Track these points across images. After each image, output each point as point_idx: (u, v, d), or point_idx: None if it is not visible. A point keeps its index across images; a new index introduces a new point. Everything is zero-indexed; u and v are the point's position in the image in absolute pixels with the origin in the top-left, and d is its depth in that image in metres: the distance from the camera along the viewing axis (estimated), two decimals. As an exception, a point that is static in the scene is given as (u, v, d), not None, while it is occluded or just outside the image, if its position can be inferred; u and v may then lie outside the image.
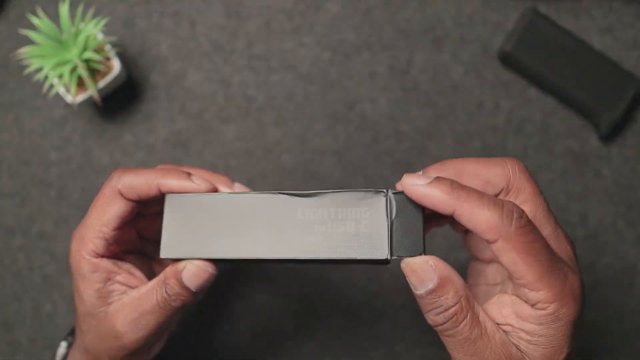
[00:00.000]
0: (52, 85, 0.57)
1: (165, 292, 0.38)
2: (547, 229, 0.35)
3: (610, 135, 0.57)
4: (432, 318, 0.34)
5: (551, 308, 0.32)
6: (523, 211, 0.32)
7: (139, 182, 0.38)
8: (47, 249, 0.57)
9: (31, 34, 0.50)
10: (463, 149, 0.57)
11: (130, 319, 0.39)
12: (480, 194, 0.32)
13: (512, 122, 0.57)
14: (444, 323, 0.34)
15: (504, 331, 0.34)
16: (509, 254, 0.32)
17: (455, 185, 0.33)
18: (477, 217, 0.32)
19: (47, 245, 0.57)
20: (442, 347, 0.36)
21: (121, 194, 0.38)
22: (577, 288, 0.33)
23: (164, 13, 0.58)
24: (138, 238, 0.43)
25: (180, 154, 0.57)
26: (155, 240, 0.43)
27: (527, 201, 0.35)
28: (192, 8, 0.58)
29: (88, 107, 0.57)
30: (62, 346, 0.47)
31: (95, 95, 0.51)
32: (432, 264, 0.33)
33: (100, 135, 0.57)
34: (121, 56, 0.57)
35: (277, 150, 0.57)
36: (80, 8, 0.51)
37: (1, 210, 0.57)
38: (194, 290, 0.37)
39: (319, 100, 0.57)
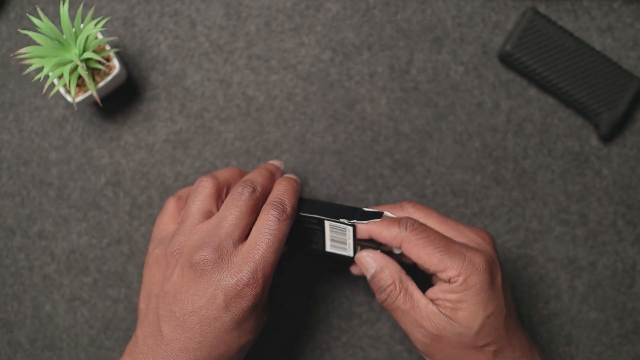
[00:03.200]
0: (52, 85, 0.56)
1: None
2: (460, 228, 0.46)
3: (610, 135, 0.57)
4: (377, 296, 0.47)
5: (459, 279, 0.43)
6: (416, 221, 0.45)
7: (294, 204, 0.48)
8: (47, 249, 0.57)
9: (31, 34, 0.50)
10: (463, 149, 0.57)
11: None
12: (387, 221, 0.46)
13: (512, 122, 0.57)
14: (386, 299, 0.46)
15: (437, 304, 0.44)
16: (413, 251, 0.44)
17: (372, 224, 0.46)
18: (385, 235, 0.45)
19: (47, 245, 0.57)
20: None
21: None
22: (478, 261, 0.43)
23: (164, 13, 0.58)
24: None
25: (180, 154, 0.57)
26: None
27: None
28: (192, 8, 0.58)
29: (88, 107, 0.57)
30: None
31: (95, 95, 0.51)
32: (372, 256, 0.47)
33: (100, 135, 0.57)
34: (121, 56, 0.57)
35: (277, 150, 0.57)
36: (80, 8, 0.51)
37: (1, 210, 0.57)
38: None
39: (319, 100, 0.57)
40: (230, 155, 0.57)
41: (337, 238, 0.48)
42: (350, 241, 0.48)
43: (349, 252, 0.48)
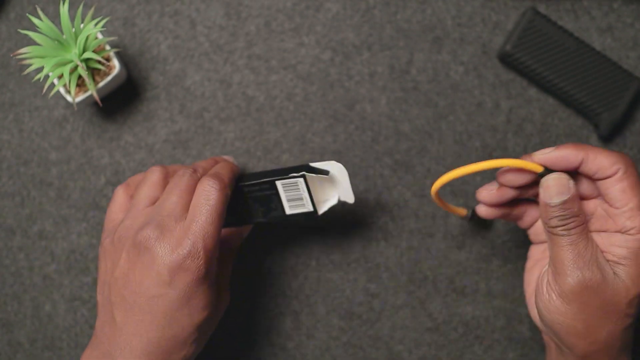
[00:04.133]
0: (52, 85, 0.56)
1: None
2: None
3: (610, 135, 0.57)
4: (555, 222, 0.43)
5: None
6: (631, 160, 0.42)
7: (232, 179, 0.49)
8: (47, 249, 0.57)
9: (31, 34, 0.50)
10: (463, 149, 0.57)
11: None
12: (598, 148, 0.43)
13: (512, 122, 0.57)
14: (562, 225, 0.42)
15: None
16: (621, 184, 0.42)
17: (577, 144, 0.43)
18: (602, 158, 0.42)
19: (47, 245, 0.57)
20: (441, 347, 0.36)
21: None
22: None
23: (164, 13, 0.58)
24: None
25: (180, 154, 0.57)
26: None
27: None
28: (192, 8, 0.58)
29: (88, 107, 0.57)
30: None
31: (95, 95, 0.51)
32: (571, 182, 0.43)
33: (100, 135, 0.57)
34: (121, 56, 0.57)
35: (277, 150, 0.57)
36: (80, 8, 0.51)
37: (1, 210, 0.57)
38: None
39: (319, 100, 0.57)
40: (230, 155, 0.57)
41: (293, 196, 0.48)
42: (306, 194, 0.47)
43: (309, 207, 0.48)
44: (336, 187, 0.49)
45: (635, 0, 0.57)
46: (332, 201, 0.49)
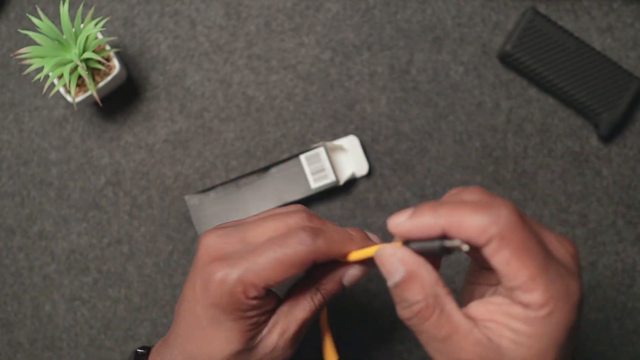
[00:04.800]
0: (52, 85, 0.56)
1: (322, 295, 0.40)
2: (544, 234, 0.33)
3: (610, 135, 0.57)
4: (399, 311, 0.34)
5: (544, 310, 0.31)
6: (514, 207, 0.32)
7: (335, 250, 0.38)
8: (47, 249, 0.57)
9: (31, 34, 0.50)
10: (463, 149, 0.57)
11: (289, 335, 0.39)
12: (464, 204, 0.32)
13: (512, 122, 0.57)
14: (411, 318, 0.33)
15: (487, 328, 0.32)
16: (502, 253, 0.31)
17: (435, 205, 0.32)
18: (467, 224, 0.31)
19: (47, 245, 0.57)
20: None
21: (312, 262, 0.37)
22: (576, 293, 0.31)
23: (164, 13, 0.58)
24: None
25: (180, 154, 0.57)
26: None
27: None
28: (192, 8, 0.58)
29: (88, 107, 0.57)
30: None
31: (95, 95, 0.51)
32: (400, 257, 0.33)
33: (100, 135, 0.57)
34: (121, 56, 0.57)
35: (277, 150, 0.57)
36: (80, 8, 0.51)
37: (1, 210, 0.57)
38: (346, 285, 0.40)
39: (319, 100, 0.57)
40: (230, 156, 0.57)
41: (316, 168, 0.53)
42: (328, 165, 0.53)
43: (331, 177, 0.53)
44: (351, 160, 0.56)
45: (635, 0, 0.57)
46: (349, 171, 0.55)
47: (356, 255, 0.38)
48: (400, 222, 0.33)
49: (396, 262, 0.33)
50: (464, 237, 0.31)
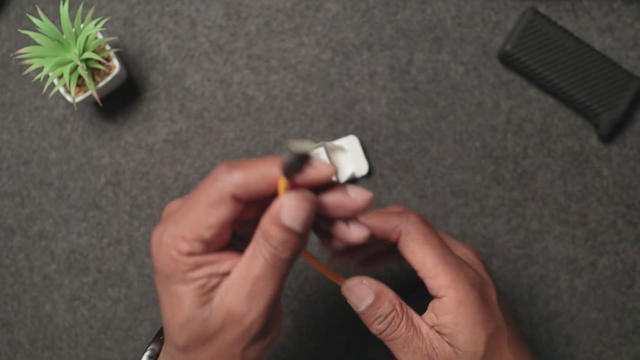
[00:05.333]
0: (52, 85, 0.56)
1: (270, 245, 0.34)
2: (448, 240, 0.43)
3: (610, 135, 0.57)
4: (376, 327, 0.40)
5: (451, 294, 0.38)
6: (421, 216, 0.41)
7: (255, 179, 0.33)
8: (47, 249, 0.57)
9: (31, 34, 0.50)
10: (463, 149, 0.57)
11: (244, 294, 0.34)
12: (387, 212, 0.41)
13: (512, 122, 0.57)
14: (386, 329, 0.40)
15: (438, 332, 0.39)
16: (410, 246, 0.40)
17: (371, 214, 0.41)
18: (385, 225, 0.41)
19: (47, 245, 0.57)
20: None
21: (232, 197, 0.33)
22: (472, 276, 0.39)
23: (164, 13, 0.58)
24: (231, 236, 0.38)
25: (180, 154, 0.57)
26: (246, 240, 0.36)
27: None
28: (192, 8, 0.58)
29: (88, 107, 0.57)
30: (146, 356, 0.44)
31: (95, 95, 0.51)
32: (366, 282, 0.40)
33: (100, 135, 0.57)
34: (121, 56, 0.57)
35: (277, 150, 0.57)
36: (80, 8, 0.51)
37: (1, 210, 0.57)
38: (299, 229, 0.33)
39: (319, 100, 0.57)
40: (230, 156, 0.57)
41: None
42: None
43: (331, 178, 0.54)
44: (351, 160, 0.56)
45: (635, 0, 0.57)
46: (349, 172, 0.56)
47: (284, 181, 0.33)
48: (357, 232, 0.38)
49: (365, 288, 0.40)
50: (383, 238, 0.41)
